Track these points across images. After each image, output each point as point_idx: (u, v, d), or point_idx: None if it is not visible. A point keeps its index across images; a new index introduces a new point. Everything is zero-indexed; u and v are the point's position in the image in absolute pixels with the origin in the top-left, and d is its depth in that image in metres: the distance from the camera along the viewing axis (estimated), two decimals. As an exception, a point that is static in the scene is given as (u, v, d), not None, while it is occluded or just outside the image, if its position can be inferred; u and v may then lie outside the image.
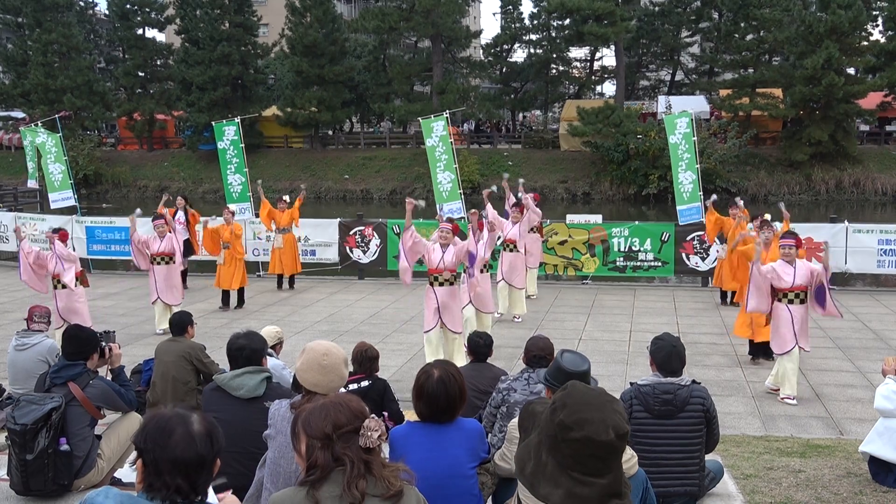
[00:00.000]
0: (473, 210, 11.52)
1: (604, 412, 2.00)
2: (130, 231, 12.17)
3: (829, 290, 8.21)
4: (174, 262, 11.96)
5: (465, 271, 9.91)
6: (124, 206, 37.50)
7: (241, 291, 13.65)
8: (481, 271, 10.59)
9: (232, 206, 14.17)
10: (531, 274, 14.03)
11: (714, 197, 13.79)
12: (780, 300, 8.39)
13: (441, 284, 9.18)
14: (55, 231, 10.92)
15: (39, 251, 10.56)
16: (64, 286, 10.36)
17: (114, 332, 5.93)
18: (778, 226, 11.25)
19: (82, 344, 5.31)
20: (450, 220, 10.09)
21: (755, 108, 36.98)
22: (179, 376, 7.02)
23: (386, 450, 3.85)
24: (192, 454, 2.28)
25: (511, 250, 12.41)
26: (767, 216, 10.74)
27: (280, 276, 15.28)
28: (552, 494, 2.00)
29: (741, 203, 12.83)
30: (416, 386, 3.81)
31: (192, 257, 15.09)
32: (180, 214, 14.81)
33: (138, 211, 12.70)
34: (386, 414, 6.44)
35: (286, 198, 15.53)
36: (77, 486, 5.11)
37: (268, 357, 5.22)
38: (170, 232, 12.00)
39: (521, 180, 14.55)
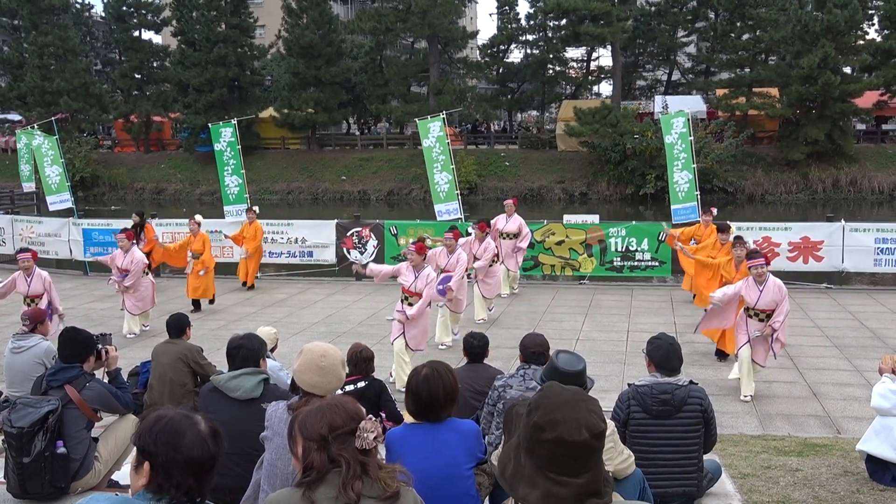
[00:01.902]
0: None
1: (577, 412, 2.00)
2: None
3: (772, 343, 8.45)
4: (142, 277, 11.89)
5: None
6: (122, 209, 37.51)
7: (202, 301, 13.60)
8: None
9: (198, 217, 14.10)
10: (514, 275, 14.34)
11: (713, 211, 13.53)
12: (745, 310, 8.64)
13: (410, 304, 9.36)
14: (25, 251, 10.42)
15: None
16: (34, 302, 10.01)
17: (110, 334, 5.91)
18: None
19: (78, 347, 5.30)
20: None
21: (752, 108, 37.03)
22: (177, 378, 7.01)
23: (382, 451, 3.86)
24: (205, 455, 2.30)
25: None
26: (739, 234, 10.78)
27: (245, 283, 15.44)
28: (530, 495, 2.01)
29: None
30: (406, 384, 3.90)
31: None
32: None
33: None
34: (384, 415, 6.44)
35: (256, 208, 15.66)
36: (74, 489, 5.10)
37: (266, 358, 5.22)
38: (134, 245, 12.01)
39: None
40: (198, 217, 14.05)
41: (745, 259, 8.86)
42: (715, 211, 13.30)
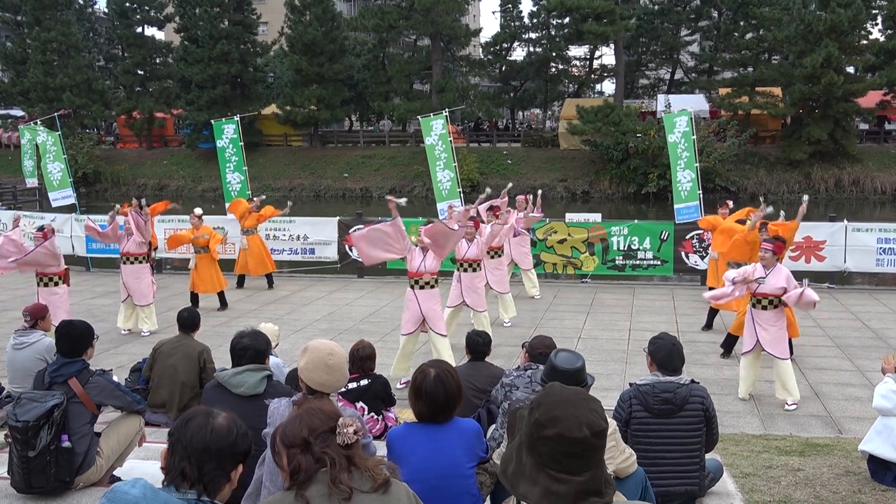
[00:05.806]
0: (452, 206, 11.14)
1: (578, 410, 2.03)
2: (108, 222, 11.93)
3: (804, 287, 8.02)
4: (140, 263, 11.73)
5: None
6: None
7: (221, 294, 13.45)
8: (474, 270, 10.56)
9: (198, 210, 13.88)
10: (530, 275, 13.99)
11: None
12: (751, 303, 8.53)
13: (422, 288, 8.98)
14: (41, 229, 10.72)
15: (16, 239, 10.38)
16: (46, 284, 10.31)
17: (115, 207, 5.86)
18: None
19: (77, 340, 5.30)
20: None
21: (754, 107, 36.99)
22: (188, 381, 7.01)
23: (384, 450, 3.86)
24: (206, 442, 2.44)
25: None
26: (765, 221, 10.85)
27: (241, 277, 15.05)
28: (530, 493, 2.03)
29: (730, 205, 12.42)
30: (414, 386, 3.80)
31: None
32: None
33: (117, 206, 12.63)
34: (385, 412, 6.45)
35: (256, 199, 15.27)
36: (76, 484, 5.11)
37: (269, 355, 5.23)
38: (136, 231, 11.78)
39: (510, 184, 14.56)
40: (197, 210, 13.88)
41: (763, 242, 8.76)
42: (731, 203, 12.85)
